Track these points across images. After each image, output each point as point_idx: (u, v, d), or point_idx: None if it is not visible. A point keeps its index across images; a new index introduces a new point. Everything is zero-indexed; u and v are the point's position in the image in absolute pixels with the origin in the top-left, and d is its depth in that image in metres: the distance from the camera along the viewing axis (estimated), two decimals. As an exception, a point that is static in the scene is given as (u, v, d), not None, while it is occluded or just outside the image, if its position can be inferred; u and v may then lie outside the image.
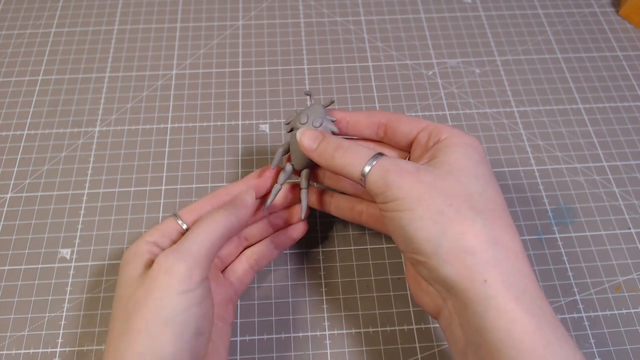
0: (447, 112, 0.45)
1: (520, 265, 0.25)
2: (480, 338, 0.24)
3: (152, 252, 0.29)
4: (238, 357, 0.34)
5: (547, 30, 0.52)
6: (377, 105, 0.46)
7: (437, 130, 0.31)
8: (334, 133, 0.33)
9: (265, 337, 0.35)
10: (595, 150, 0.43)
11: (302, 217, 0.35)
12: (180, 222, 0.31)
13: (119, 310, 0.27)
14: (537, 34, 0.51)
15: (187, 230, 0.31)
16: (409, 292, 0.37)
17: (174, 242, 0.30)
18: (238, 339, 0.35)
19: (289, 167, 0.35)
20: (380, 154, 0.29)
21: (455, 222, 0.26)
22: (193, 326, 0.26)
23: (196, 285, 0.26)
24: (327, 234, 0.39)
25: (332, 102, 0.34)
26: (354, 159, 0.29)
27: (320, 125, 0.33)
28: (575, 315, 0.36)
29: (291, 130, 0.34)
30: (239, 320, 0.36)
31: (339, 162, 0.30)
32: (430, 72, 0.48)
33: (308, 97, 0.32)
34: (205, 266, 0.27)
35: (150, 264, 0.28)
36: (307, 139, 0.32)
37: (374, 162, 0.28)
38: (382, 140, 0.34)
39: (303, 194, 0.35)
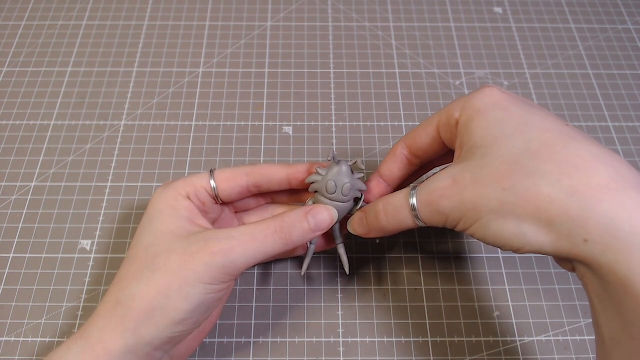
0: (473, 124, 0.45)
1: (623, 172, 0.23)
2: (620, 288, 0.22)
3: (190, 210, 0.30)
4: (251, 358, 0.34)
5: (579, 45, 0.51)
6: (402, 112, 0.45)
7: (448, 114, 0.29)
8: (361, 191, 0.32)
9: (279, 340, 0.35)
10: (623, 170, 0.42)
11: (347, 273, 0.35)
12: (212, 182, 0.31)
13: (146, 253, 0.28)
14: (568, 48, 0.51)
15: (216, 194, 0.31)
16: (425, 304, 0.36)
17: (202, 202, 0.31)
18: (252, 340, 0.35)
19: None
20: (414, 188, 0.28)
21: (520, 206, 0.23)
22: (206, 305, 0.28)
23: (226, 284, 0.28)
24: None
25: (355, 162, 0.33)
26: (397, 213, 0.29)
27: (350, 192, 0.32)
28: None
29: (315, 192, 0.32)
30: (253, 322, 0.36)
31: (392, 226, 0.29)
32: (458, 82, 0.48)
33: (332, 159, 0.31)
34: (238, 275, 0.29)
35: (189, 222, 0.29)
36: (359, 228, 0.32)
37: (415, 201, 0.27)
38: (421, 164, 0.33)
39: (340, 249, 0.35)
